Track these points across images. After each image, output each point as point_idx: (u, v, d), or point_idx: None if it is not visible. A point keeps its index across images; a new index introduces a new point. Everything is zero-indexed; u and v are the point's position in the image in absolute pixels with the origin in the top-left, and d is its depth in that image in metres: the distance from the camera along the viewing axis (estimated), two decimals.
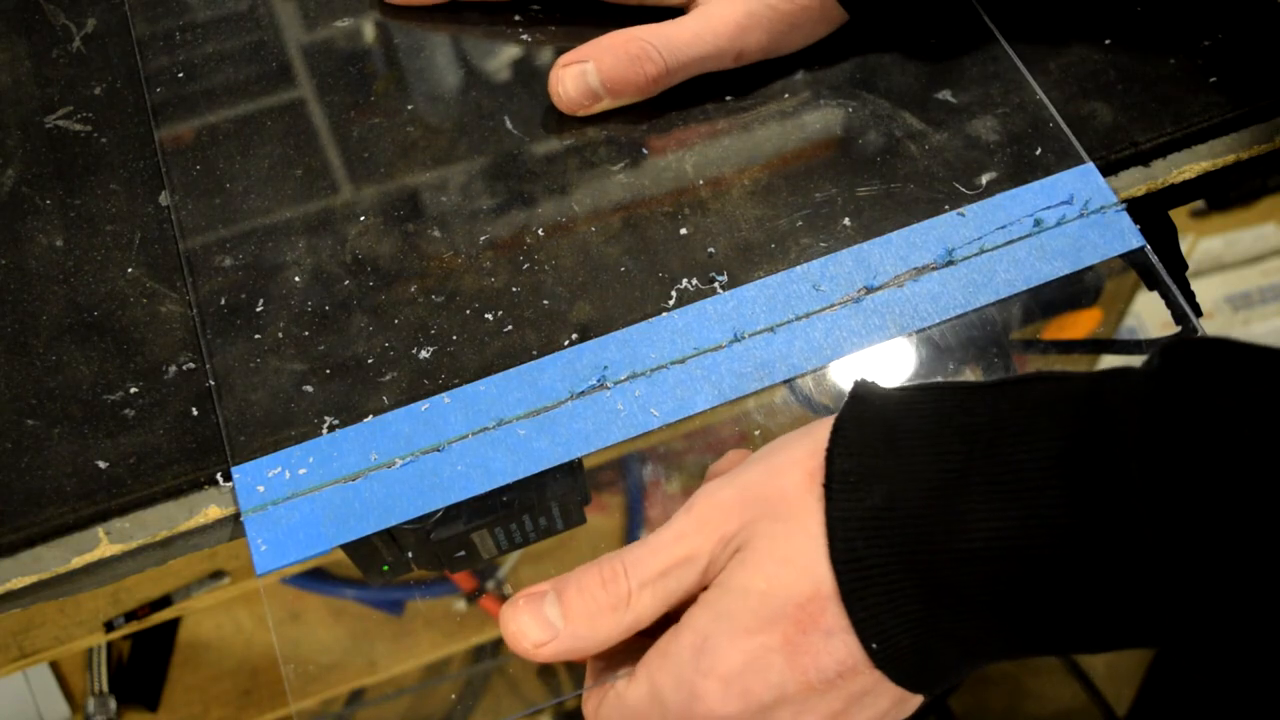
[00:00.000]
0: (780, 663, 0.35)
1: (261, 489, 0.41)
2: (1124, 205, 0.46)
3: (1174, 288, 0.46)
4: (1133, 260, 0.47)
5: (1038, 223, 0.46)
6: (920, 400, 0.36)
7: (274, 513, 0.41)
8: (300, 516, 0.41)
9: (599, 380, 0.43)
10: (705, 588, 0.37)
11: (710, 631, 0.36)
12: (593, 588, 0.38)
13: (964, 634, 0.34)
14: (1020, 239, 0.46)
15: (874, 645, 0.34)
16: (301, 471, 0.41)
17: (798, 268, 0.45)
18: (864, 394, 0.37)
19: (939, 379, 0.47)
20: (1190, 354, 0.33)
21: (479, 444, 0.42)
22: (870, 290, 0.45)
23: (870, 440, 0.35)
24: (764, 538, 0.36)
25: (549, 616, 0.38)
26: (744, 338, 0.44)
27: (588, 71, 0.47)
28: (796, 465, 0.37)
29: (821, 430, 0.37)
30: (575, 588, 0.38)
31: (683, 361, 0.43)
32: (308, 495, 0.41)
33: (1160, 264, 0.46)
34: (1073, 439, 0.32)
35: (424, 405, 0.42)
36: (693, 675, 0.36)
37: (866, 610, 0.34)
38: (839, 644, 0.35)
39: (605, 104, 0.48)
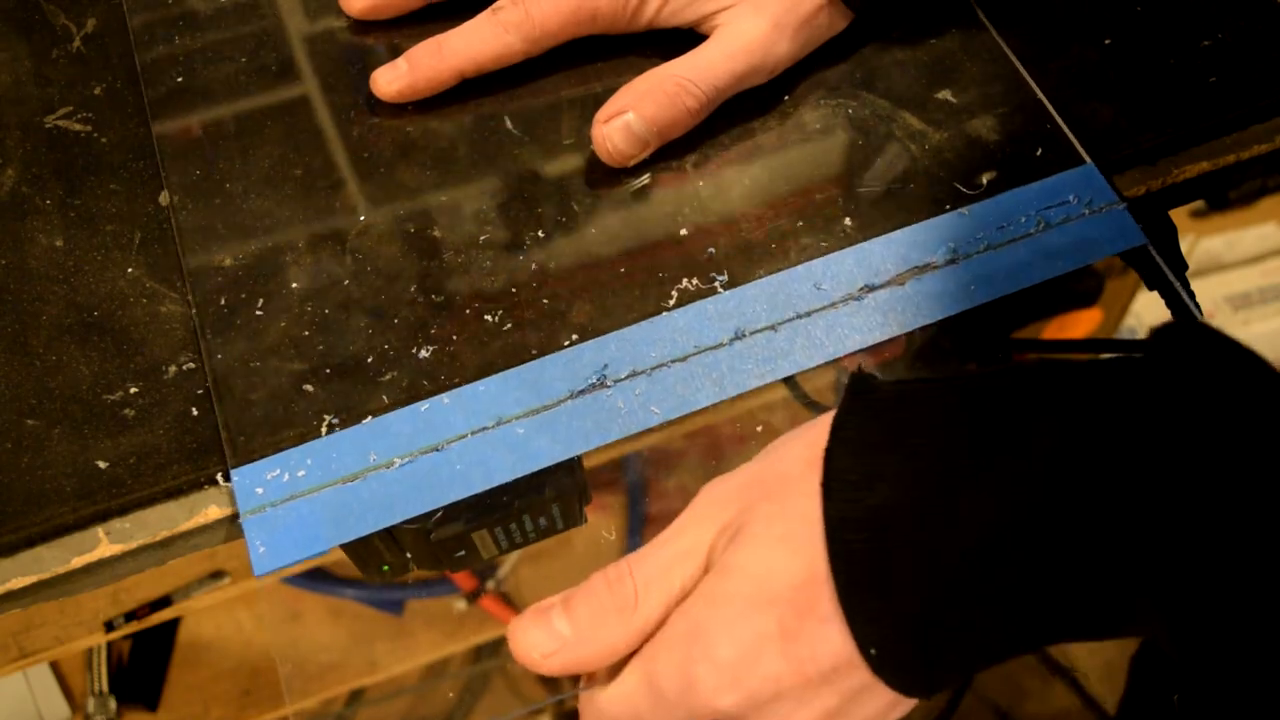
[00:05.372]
0: (775, 652, 0.35)
1: (260, 491, 0.41)
2: (1125, 203, 0.46)
3: (1176, 285, 0.46)
4: (1134, 259, 0.47)
5: (1038, 222, 0.46)
6: (919, 395, 0.36)
7: (273, 515, 0.40)
8: (299, 518, 0.40)
9: (599, 378, 0.43)
10: None
11: (704, 617, 0.36)
12: (599, 591, 0.38)
13: (962, 632, 0.34)
14: (1021, 238, 0.46)
15: (872, 650, 0.34)
16: (300, 473, 0.41)
17: (799, 267, 0.45)
18: (862, 389, 0.37)
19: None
20: (1186, 345, 0.33)
21: (479, 444, 0.42)
22: (872, 289, 0.45)
23: (869, 438, 0.35)
24: (761, 520, 0.36)
25: (556, 626, 0.38)
26: (745, 335, 0.44)
27: (631, 122, 0.46)
28: (796, 457, 0.37)
29: (821, 426, 0.37)
30: (582, 593, 0.38)
31: (684, 359, 0.43)
32: (307, 496, 0.41)
33: (1162, 262, 0.46)
34: (1072, 435, 0.33)
35: (424, 405, 0.42)
36: (686, 662, 0.35)
37: (864, 610, 0.34)
38: (834, 633, 0.34)
39: (654, 147, 0.48)
